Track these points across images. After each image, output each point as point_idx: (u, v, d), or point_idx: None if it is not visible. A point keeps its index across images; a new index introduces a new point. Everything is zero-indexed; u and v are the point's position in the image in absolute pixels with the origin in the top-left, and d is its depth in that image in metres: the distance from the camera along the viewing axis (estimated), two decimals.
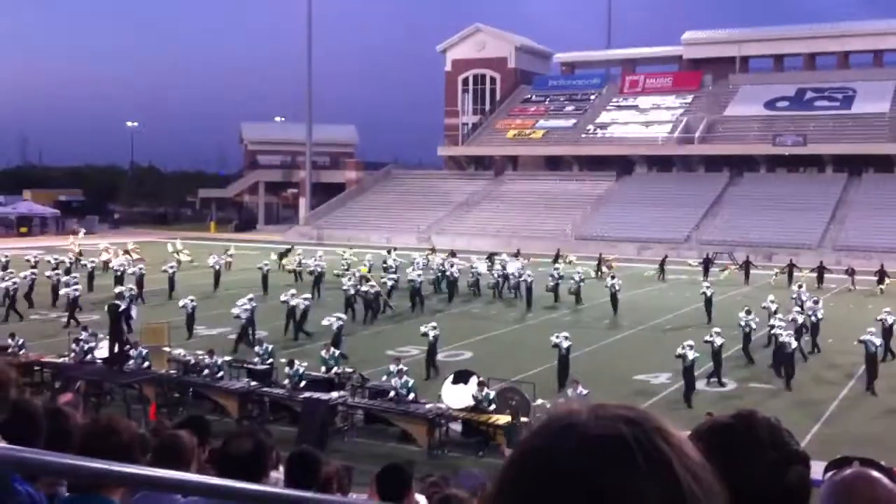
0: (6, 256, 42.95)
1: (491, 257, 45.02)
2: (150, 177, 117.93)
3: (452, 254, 45.70)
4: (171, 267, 38.23)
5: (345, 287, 33.00)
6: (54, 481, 3.00)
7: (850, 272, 42.50)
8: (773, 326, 25.18)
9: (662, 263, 46.23)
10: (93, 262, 41.70)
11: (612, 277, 35.89)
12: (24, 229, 74.76)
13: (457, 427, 18.80)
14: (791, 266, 43.64)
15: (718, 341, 23.37)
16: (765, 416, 1.68)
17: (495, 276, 39.45)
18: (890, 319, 27.34)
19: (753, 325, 26.14)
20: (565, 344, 22.84)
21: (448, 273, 38.36)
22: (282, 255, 47.07)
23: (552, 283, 36.99)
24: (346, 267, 40.91)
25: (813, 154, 66.07)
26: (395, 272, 39.34)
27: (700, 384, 22.46)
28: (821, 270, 43.34)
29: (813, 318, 28.00)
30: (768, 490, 1.56)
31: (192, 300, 29.49)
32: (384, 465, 5.72)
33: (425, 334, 24.20)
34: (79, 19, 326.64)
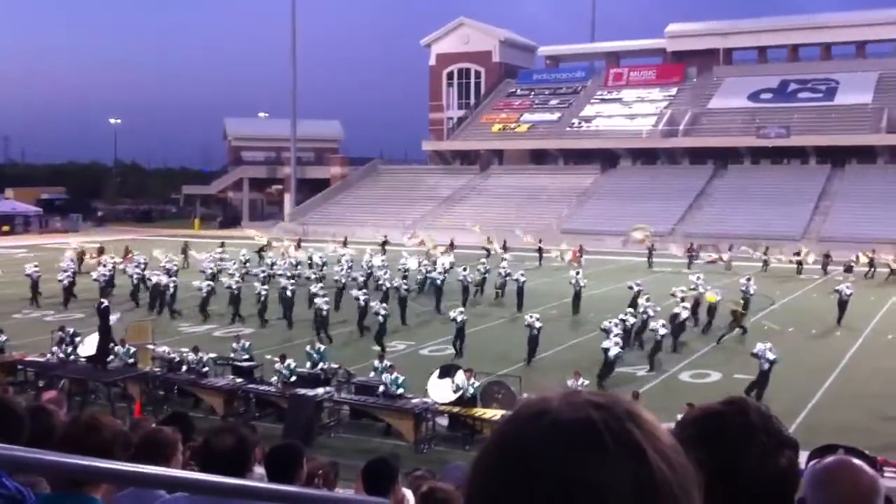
0: None
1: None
2: (134, 174, 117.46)
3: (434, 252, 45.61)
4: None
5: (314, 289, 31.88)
6: (36, 479, 2.98)
7: (848, 268, 42.15)
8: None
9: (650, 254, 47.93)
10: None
11: (577, 273, 33.96)
12: (6, 228, 74.29)
13: (443, 421, 18.81)
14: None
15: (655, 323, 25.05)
16: (756, 403, 1.70)
17: (424, 271, 37.90)
18: (848, 291, 29.92)
19: (633, 319, 26.53)
20: (537, 325, 24.66)
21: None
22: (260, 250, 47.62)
23: (479, 278, 36.23)
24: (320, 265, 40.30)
25: (796, 146, 66.35)
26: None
27: (684, 376, 22.61)
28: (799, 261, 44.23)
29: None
30: (761, 475, 1.58)
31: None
32: (370, 459, 5.71)
33: (454, 319, 25.93)
34: (61, 17, 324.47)
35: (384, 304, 27.89)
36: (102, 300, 27.41)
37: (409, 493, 5.98)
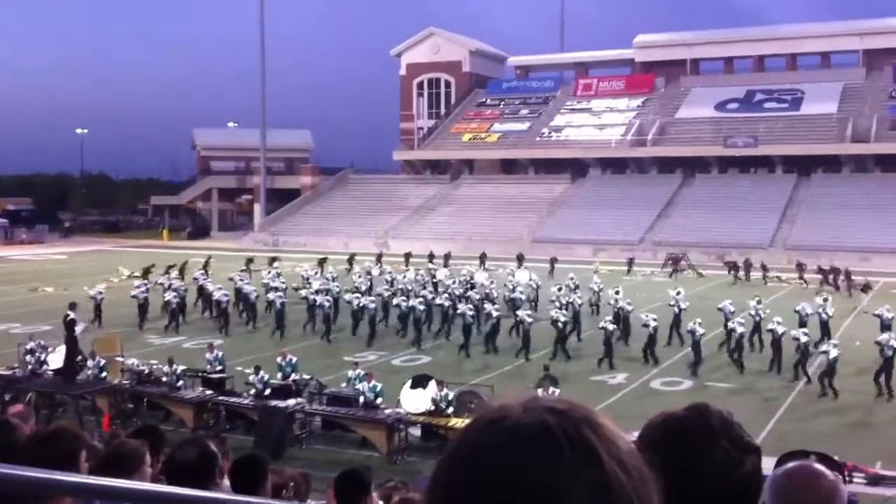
0: None
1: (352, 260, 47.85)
2: (101, 184, 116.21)
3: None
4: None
5: (307, 295, 31.76)
6: None
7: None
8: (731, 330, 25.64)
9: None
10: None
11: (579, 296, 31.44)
12: None
13: (416, 432, 18.75)
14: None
15: (700, 331, 24.96)
16: (717, 409, 1.70)
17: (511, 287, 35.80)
18: (889, 315, 26.94)
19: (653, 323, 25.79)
20: (611, 328, 25.69)
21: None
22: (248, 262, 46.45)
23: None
24: (306, 279, 38.98)
25: (763, 155, 67.13)
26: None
27: (655, 384, 22.74)
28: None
29: (757, 317, 27.52)
30: (722, 481, 1.58)
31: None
32: (342, 470, 5.68)
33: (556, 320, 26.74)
34: (27, 27, 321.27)
35: (564, 312, 27.93)
36: (68, 312, 26.93)
37: None
